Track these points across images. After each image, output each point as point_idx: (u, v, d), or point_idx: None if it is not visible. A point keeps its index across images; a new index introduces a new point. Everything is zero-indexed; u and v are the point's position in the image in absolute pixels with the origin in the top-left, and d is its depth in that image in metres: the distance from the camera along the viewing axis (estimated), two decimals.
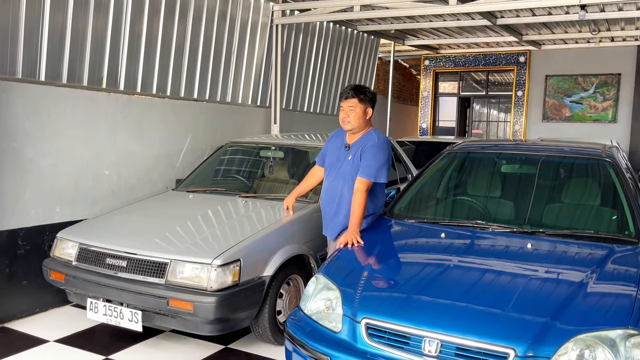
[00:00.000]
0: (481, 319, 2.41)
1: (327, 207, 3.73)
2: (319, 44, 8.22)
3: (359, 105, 3.54)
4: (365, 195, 3.49)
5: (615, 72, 10.94)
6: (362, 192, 3.48)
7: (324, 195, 3.77)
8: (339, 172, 3.64)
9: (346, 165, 3.61)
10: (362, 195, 3.47)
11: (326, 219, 3.77)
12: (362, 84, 3.57)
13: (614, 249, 3.01)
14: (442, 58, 12.74)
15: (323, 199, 3.78)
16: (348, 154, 3.60)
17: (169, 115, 5.55)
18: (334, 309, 2.69)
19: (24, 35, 4.35)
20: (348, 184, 3.58)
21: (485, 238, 3.26)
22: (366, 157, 3.51)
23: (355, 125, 3.56)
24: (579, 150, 4.02)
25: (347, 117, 3.55)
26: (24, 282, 4.31)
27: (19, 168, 4.23)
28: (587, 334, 2.25)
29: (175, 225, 3.93)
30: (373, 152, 3.51)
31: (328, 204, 3.71)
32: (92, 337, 4.00)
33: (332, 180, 3.68)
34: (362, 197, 3.47)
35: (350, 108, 3.54)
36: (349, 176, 3.58)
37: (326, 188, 3.74)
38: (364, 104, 3.57)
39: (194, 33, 5.94)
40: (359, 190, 3.48)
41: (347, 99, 3.55)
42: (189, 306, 3.30)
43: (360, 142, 3.60)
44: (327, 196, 3.72)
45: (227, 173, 5.20)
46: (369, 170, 3.49)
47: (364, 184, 3.48)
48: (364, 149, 3.54)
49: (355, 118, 3.54)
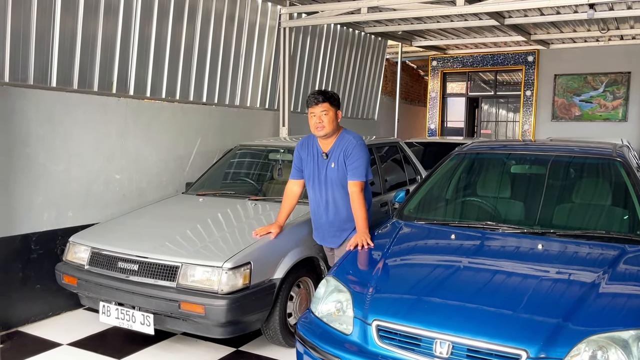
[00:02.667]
0: (492, 320, 2.40)
1: (320, 217, 3.72)
2: (326, 47, 8.24)
3: (331, 109, 3.53)
4: (362, 196, 3.52)
5: (625, 71, 10.85)
6: (358, 194, 3.51)
7: (313, 208, 3.75)
8: (325, 181, 3.62)
9: (331, 173, 3.59)
10: (359, 196, 3.50)
11: (322, 229, 3.75)
12: (324, 89, 3.56)
13: (625, 249, 2.99)
14: (449, 58, 12.71)
15: (313, 211, 3.77)
16: (329, 162, 3.59)
17: (179, 119, 5.58)
18: (345, 311, 2.69)
19: (35, 42, 4.40)
20: (338, 190, 3.59)
21: (496, 239, 3.25)
22: (352, 159, 3.52)
23: (329, 130, 3.54)
24: (589, 150, 3.99)
25: (321, 122, 3.51)
26: (37, 286, 4.36)
27: (31, 173, 4.28)
28: (599, 335, 2.24)
29: (186, 229, 3.95)
30: (357, 153, 3.52)
31: (320, 214, 3.71)
32: (105, 340, 4.03)
33: (318, 191, 3.67)
34: (360, 198, 3.50)
35: (323, 112, 3.51)
36: (337, 183, 3.59)
37: (314, 199, 3.72)
38: (335, 107, 3.56)
39: (202, 37, 5.98)
40: (355, 193, 3.50)
41: (318, 103, 3.51)
42: (200, 309, 3.32)
43: (337, 146, 3.59)
44: (317, 208, 3.71)
45: (237, 176, 5.22)
46: (359, 172, 3.52)
47: (358, 185, 3.51)
48: (347, 153, 3.54)
49: (329, 122, 3.52)
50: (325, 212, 3.67)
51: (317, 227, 3.79)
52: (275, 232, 3.70)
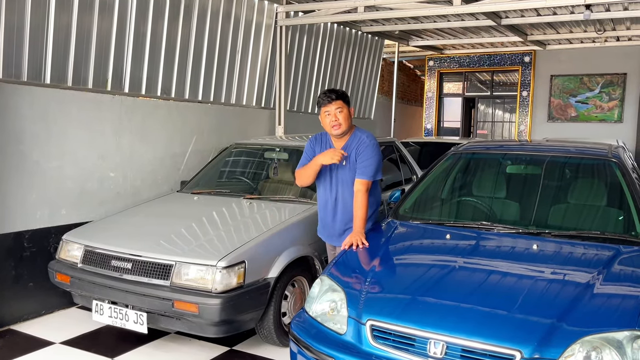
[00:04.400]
0: (487, 321, 2.39)
1: (327, 215, 3.70)
2: (323, 45, 8.22)
3: (345, 106, 3.51)
4: (366, 195, 3.47)
5: (621, 72, 10.89)
6: (363, 193, 3.47)
7: (322, 205, 3.73)
8: (336, 179, 3.61)
9: (342, 172, 3.57)
10: (363, 196, 3.46)
11: (328, 227, 3.73)
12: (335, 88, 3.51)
13: (620, 249, 2.99)
14: (446, 58, 12.72)
15: (321, 208, 3.74)
16: (341, 160, 3.57)
17: (174, 117, 5.56)
18: (339, 311, 2.68)
19: (29, 38, 4.37)
20: (349, 189, 3.56)
21: (491, 239, 3.25)
22: (363, 158, 3.49)
23: (345, 127, 3.52)
24: (584, 151, 3.99)
25: (337, 120, 3.48)
26: (29, 284, 4.33)
27: (25, 170, 4.25)
28: (593, 336, 2.23)
29: (180, 227, 3.93)
30: (369, 152, 3.49)
31: (328, 212, 3.68)
32: (98, 339, 4.01)
33: (328, 189, 3.65)
34: (364, 197, 3.46)
35: (338, 110, 3.48)
36: (348, 182, 3.56)
37: (323, 197, 3.70)
38: (348, 105, 3.54)
39: (198, 34, 5.96)
40: (360, 192, 3.47)
41: (332, 101, 3.48)
42: (194, 308, 3.30)
43: (350, 144, 3.57)
44: (325, 205, 3.69)
45: (232, 175, 5.20)
46: (368, 171, 3.48)
47: (364, 184, 3.47)
48: (358, 151, 3.51)
49: (344, 119, 3.50)
50: (334, 210, 3.64)
51: (324, 225, 3.76)
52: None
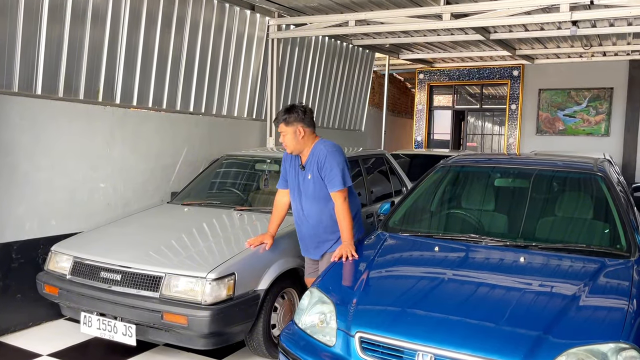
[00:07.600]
0: (475, 333, 2.42)
1: (301, 228, 3.72)
2: (314, 58, 8.29)
3: (287, 129, 3.53)
4: (346, 205, 3.49)
5: (607, 86, 11.06)
6: (342, 203, 3.49)
7: (295, 218, 3.75)
8: (304, 193, 3.63)
9: (308, 184, 3.60)
10: (343, 205, 3.48)
11: (304, 240, 3.75)
12: (293, 103, 3.58)
13: (605, 262, 3.03)
14: (436, 72, 12.85)
15: (295, 222, 3.77)
16: (306, 173, 3.60)
17: (165, 128, 5.57)
18: (328, 323, 2.69)
19: (20, 48, 4.37)
20: (315, 202, 3.59)
21: (479, 251, 3.28)
22: (326, 171, 3.51)
23: (294, 148, 3.57)
24: (571, 165, 4.05)
25: (284, 142, 3.58)
26: (17, 295, 4.29)
27: (14, 181, 4.23)
28: (579, 348, 2.26)
29: (170, 239, 3.93)
30: (329, 162, 3.51)
31: (301, 225, 3.71)
32: (86, 351, 3.97)
33: (298, 202, 3.67)
34: (344, 208, 3.48)
35: (282, 134, 3.57)
36: (313, 195, 3.58)
37: (295, 210, 3.73)
38: (292, 125, 3.53)
39: (190, 46, 5.98)
40: (339, 204, 3.49)
41: (277, 125, 3.59)
42: (183, 320, 3.29)
43: (311, 158, 3.59)
44: (298, 218, 3.72)
45: (223, 186, 5.21)
46: (336, 181, 3.49)
47: (340, 195, 3.49)
48: (319, 164, 3.54)
49: (290, 141, 3.55)
50: (305, 223, 3.67)
51: (300, 238, 3.79)
52: (269, 242, 3.70)
